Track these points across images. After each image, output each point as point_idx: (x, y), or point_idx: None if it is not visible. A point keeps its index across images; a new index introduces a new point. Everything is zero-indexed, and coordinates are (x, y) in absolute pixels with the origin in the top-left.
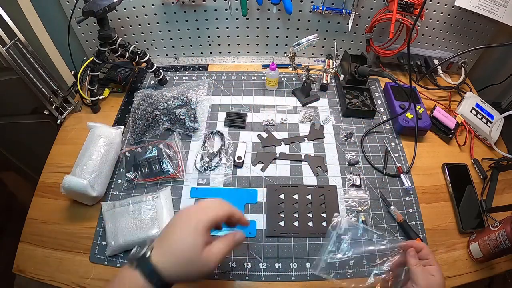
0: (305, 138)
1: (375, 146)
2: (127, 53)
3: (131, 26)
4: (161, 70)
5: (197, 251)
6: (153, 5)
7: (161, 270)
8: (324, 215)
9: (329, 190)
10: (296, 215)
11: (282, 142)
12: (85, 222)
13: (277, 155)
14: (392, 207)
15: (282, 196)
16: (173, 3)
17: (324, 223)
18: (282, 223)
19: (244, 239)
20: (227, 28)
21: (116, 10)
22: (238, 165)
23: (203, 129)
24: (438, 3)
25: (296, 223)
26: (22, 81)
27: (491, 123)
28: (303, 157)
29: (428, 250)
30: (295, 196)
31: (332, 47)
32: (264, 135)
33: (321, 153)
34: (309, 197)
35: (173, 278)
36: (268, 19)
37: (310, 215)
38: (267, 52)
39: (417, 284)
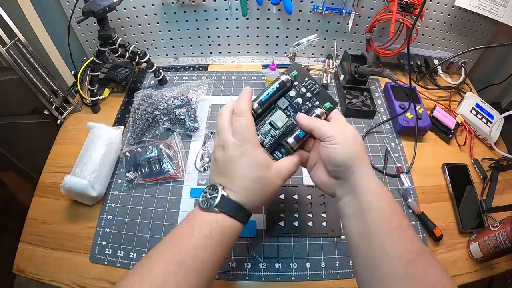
0: None
1: (375, 146)
2: (127, 53)
3: (131, 26)
4: (161, 70)
5: (260, 170)
6: (153, 5)
7: (242, 203)
8: (324, 215)
9: None
10: (296, 215)
11: None
12: (85, 222)
13: None
14: (410, 199)
15: (282, 196)
16: (173, 3)
17: (324, 223)
18: (282, 223)
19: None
20: (227, 28)
21: (116, 10)
22: None
23: (203, 129)
24: (438, 3)
25: (296, 223)
26: (22, 81)
27: (491, 123)
28: None
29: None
30: (295, 196)
31: (332, 47)
32: None
33: None
34: (309, 197)
35: (251, 206)
36: (268, 19)
37: (310, 215)
38: (267, 52)
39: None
